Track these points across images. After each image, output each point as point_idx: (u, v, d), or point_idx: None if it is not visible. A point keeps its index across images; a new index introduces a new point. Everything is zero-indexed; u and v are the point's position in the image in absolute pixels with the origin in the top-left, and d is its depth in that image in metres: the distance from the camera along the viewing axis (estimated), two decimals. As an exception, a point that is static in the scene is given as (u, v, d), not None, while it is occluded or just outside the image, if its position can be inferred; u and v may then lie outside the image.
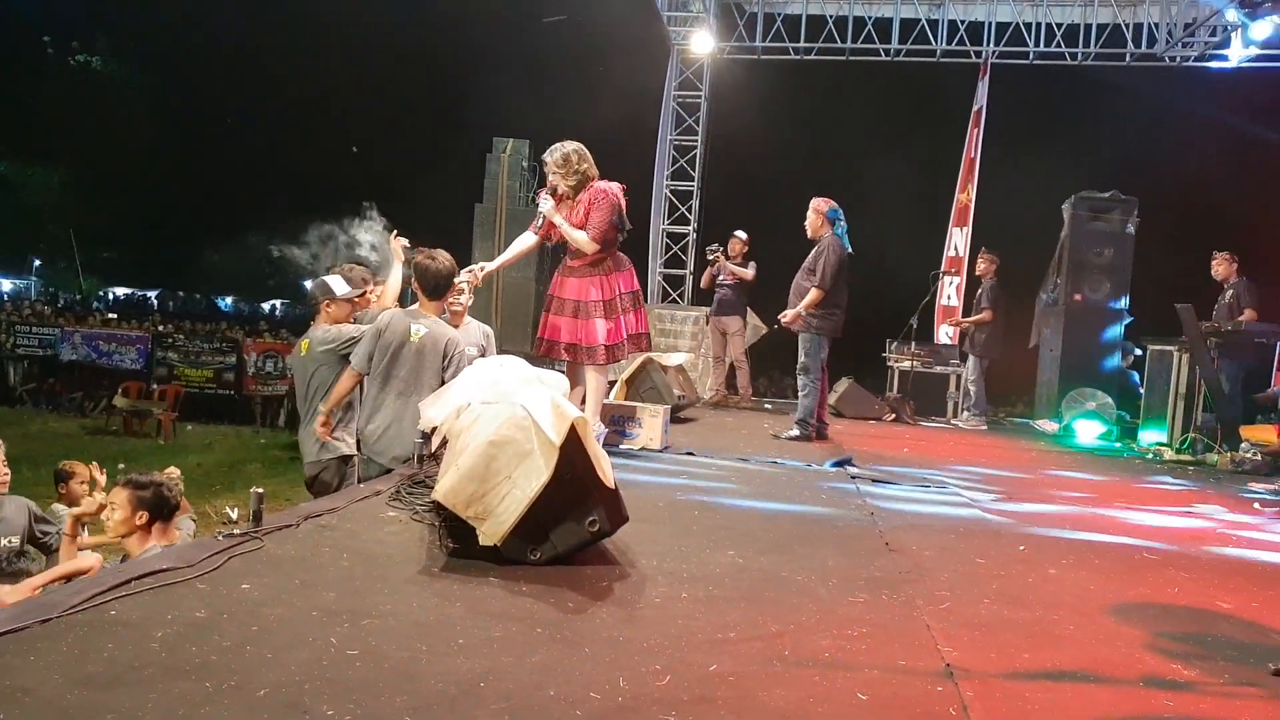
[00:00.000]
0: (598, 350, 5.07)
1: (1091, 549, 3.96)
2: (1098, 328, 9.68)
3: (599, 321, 5.06)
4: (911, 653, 2.43)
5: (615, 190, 5.11)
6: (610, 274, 5.15)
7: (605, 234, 5.04)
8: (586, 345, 5.08)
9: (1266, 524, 4.98)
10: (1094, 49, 10.65)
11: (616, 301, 5.10)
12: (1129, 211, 9.67)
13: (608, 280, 5.12)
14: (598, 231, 5.02)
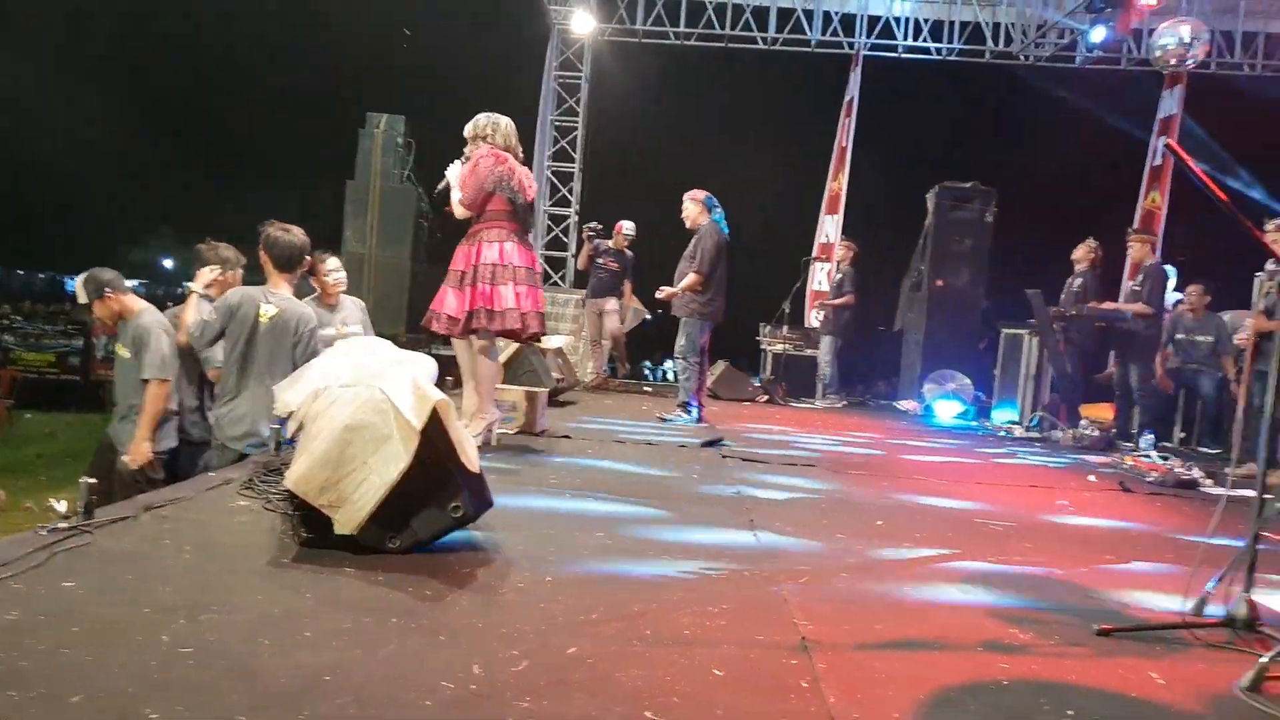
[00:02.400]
0: (440, 317, 4.86)
1: (943, 522, 4.15)
2: (958, 312, 10.13)
3: (448, 290, 4.89)
4: (769, 628, 2.48)
5: (488, 154, 4.88)
6: (478, 244, 4.92)
7: (472, 198, 4.88)
8: (433, 310, 4.92)
9: (1100, 496, 5.33)
10: (957, 45, 11.10)
11: (472, 273, 4.87)
12: (988, 202, 10.14)
13: (473, 249, 4.91)
14: (465, 195, 4.89)
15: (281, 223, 4.52)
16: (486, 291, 4.79)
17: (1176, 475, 5.92)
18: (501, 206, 4.89)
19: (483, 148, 4.91)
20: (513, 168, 4.90)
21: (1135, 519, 4.69)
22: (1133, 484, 5.69)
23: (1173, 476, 5.91)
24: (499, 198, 4.86)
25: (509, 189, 4.86)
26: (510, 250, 4.86)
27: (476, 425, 4.92)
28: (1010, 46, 10.96)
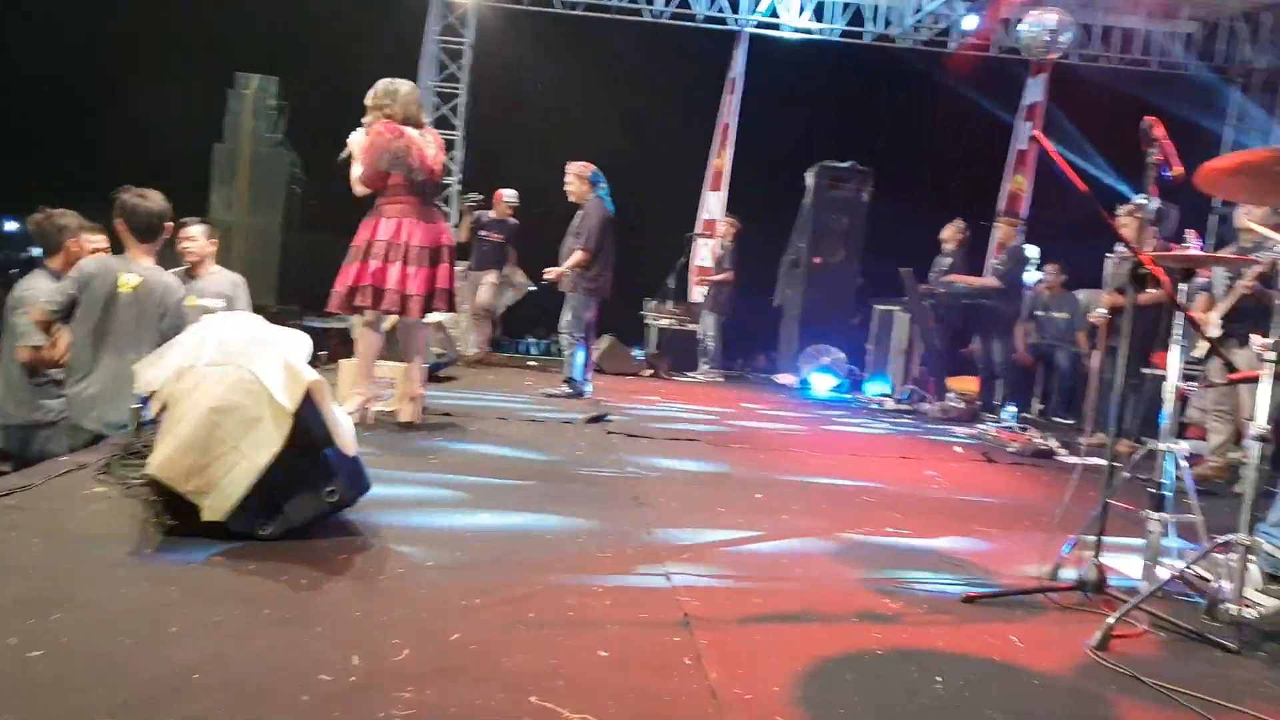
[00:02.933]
0: (334, 293, 4.77)
1: (819, 495, 4.27)
2: (834, 289, 10.42)
3: (344, 266, 4.77)
4: (653, 606, 2.51)
5: (383, 129, 4.71)
6: (376, 220, 4.78)
7: (369, 176, 4.72)
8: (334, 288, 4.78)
9: (965, 467, 5.59)
10: (839, 25, 11.32)
11: (365, 248, 4.74)
12: (865, 182, 10.43)
13: (372, 224, 4.79)
14: (362, 171, 4.73)
15: (138, 188, 4.26)
16: (377, 269, 4.67)
17: (1035, 445, 6.26)
18: (400, 182, 4.75)
19: (378, 122, 4.74)
20: (409, 142, 4.73)
21: (997, 488, 4.94)
22: (995, 454, 5.99)
23: (1031, 446, 6.25)
24: (396, 175, 4.72)
25: (404, 165, 4.71)
26: (406, 228, 4.74)
27: (352, 402, 4.79)
28: (890, 29, 11.26)
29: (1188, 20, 11.31)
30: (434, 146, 4.88)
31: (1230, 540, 2.57)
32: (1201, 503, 3.02)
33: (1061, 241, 8.95)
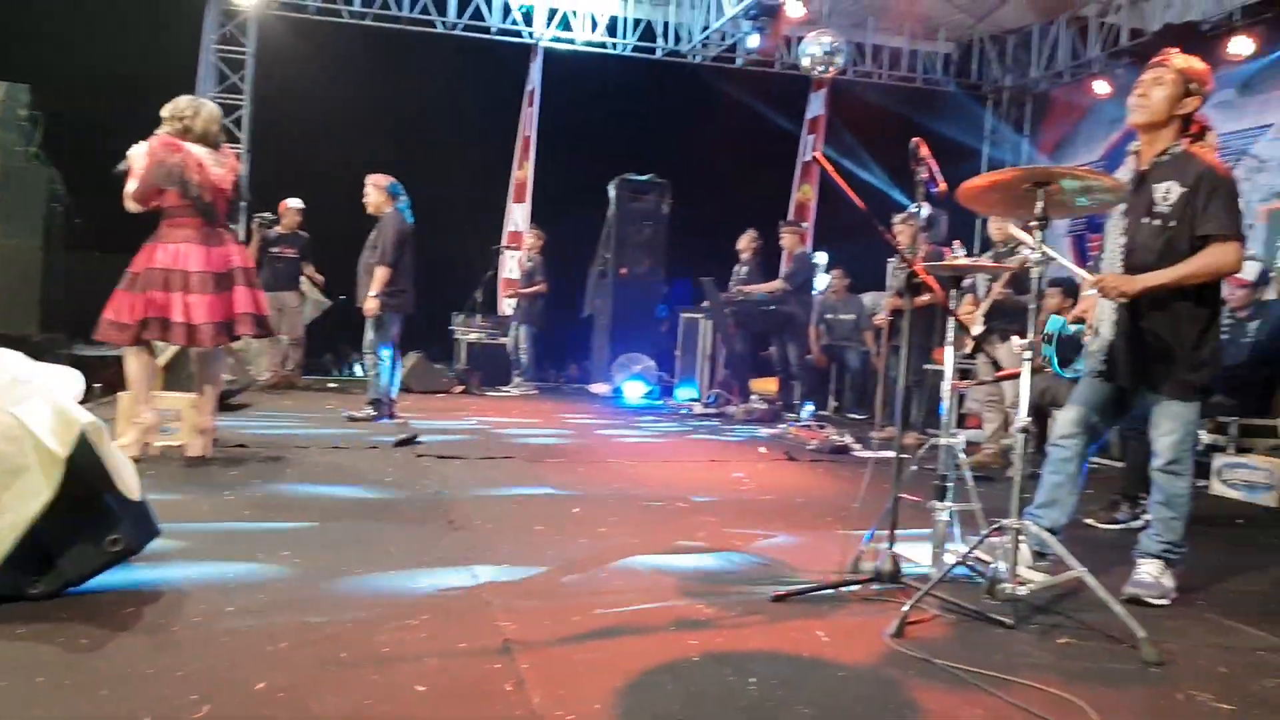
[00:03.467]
0: (107, 324, 4.42)
1: (636, 504, 4.34)
2: (641, 298, 10.63)
3: (118, 294, 4.43)
4: (472, 633, 2.47)
5: (161, 143, 4.39)
6: (152, 243, 4.48)
7: (141, 192, 4.39)
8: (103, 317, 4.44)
9: (771, 467, 5.84)
10: (632, 40, 11.56)
11: (142, 276, 4.44)
12: (664, 193, 10.71)
13: (145, 249, 4.47)
14: (134, 188, 4.39)
15: None
16: (159, 299, 4.37)
17: (832, 442, 6.63)
18: (177, 202, 4.46)
19: (158, 136, 4.43)
20: (186, 158, 4.44)
21: (800, 486, 5.19)
22: (796, 453, 6.29)
23: (829, 443, 6.60)
24: (172, 193, 4.42)
25: (179, 182, 4.42)
26: (185, 254, 4.45)
27: (129, 434, 4.45)
28: (680, 45, 11.61)
29: (945, 41, 12.33)
30: (224, 167, 4.63)
31: (1003, 524, 2.81)
32: (980, 489, 3.29)
33: (848, 247, 9.52)
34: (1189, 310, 3.04)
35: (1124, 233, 3.16)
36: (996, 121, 12.92)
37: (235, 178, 4.74)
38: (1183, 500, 3.10)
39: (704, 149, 11.06)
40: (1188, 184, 3.01)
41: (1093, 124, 11.59)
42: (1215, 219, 2.97)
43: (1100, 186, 2.82)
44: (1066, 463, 3.22)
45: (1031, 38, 11.79)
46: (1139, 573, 3.10)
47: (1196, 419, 3.11)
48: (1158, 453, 3.10)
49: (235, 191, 4.73)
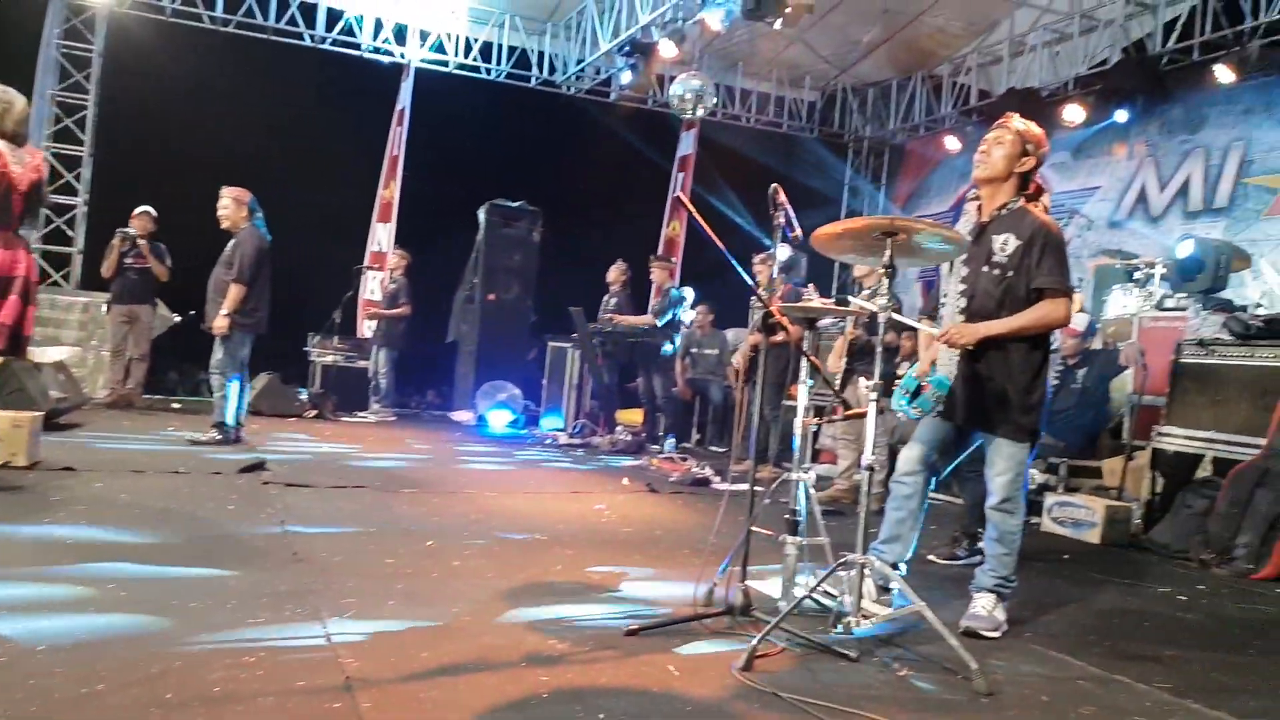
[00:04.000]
0: None
1: (492, 536, 4.26)
2: (509, 325, 10.55)
3: None
4: (311, 670, 2.36)
5: None
6: None
7: None
8: None
9: (632, 498, 5.86)
10: (506, 67, 11.54)
11: None
12: (535, 221, 10.70)
13: None
14: None
15: None
16: None
17: (693, 474, 6.72)
18: None
19: None
20: None
21: (660, 518, 5.23)
22: (658, 484, 6.34)
23: (690, 475, 6.69)
24: None
25: None
26: None
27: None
28: (555, 76, 11.68)
29: (810, 90, 12.86)
30: (24, 166, 4.35)
31: (848, 559, 2.90)
32: (831, 523, 3.39)
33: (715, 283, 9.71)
34: (1022, 357, 3.24)
35: (964, 280, 3.35)
36: (855, 169, 13.53)
37: (37, 178, 4.47)
38: (1015, 537, 3.28)
39: (577, 179, 11.15)
40: (1023, 237, 3.23)
41: (944, 176, 12.29)
42: (1049, 274, 3.19)
43: (943, 238, 2.98)
44: (908, 499, 3.36)
45: (890, 91, 12.43)
46: (974, 606, 3.25)
47: (1028, 460, 3.30)
48: (992, 491, 3.28)
49: (34, 193, 4.45)
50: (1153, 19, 9.08)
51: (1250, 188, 8.71)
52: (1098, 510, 5.48)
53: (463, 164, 10.99)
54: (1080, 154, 10.41)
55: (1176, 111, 9.37)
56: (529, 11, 11.40)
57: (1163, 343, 6.25)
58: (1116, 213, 9.96)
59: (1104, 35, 9.59)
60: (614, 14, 10.20)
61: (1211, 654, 3.29)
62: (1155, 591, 4.29)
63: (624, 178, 12.09)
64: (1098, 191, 10.25)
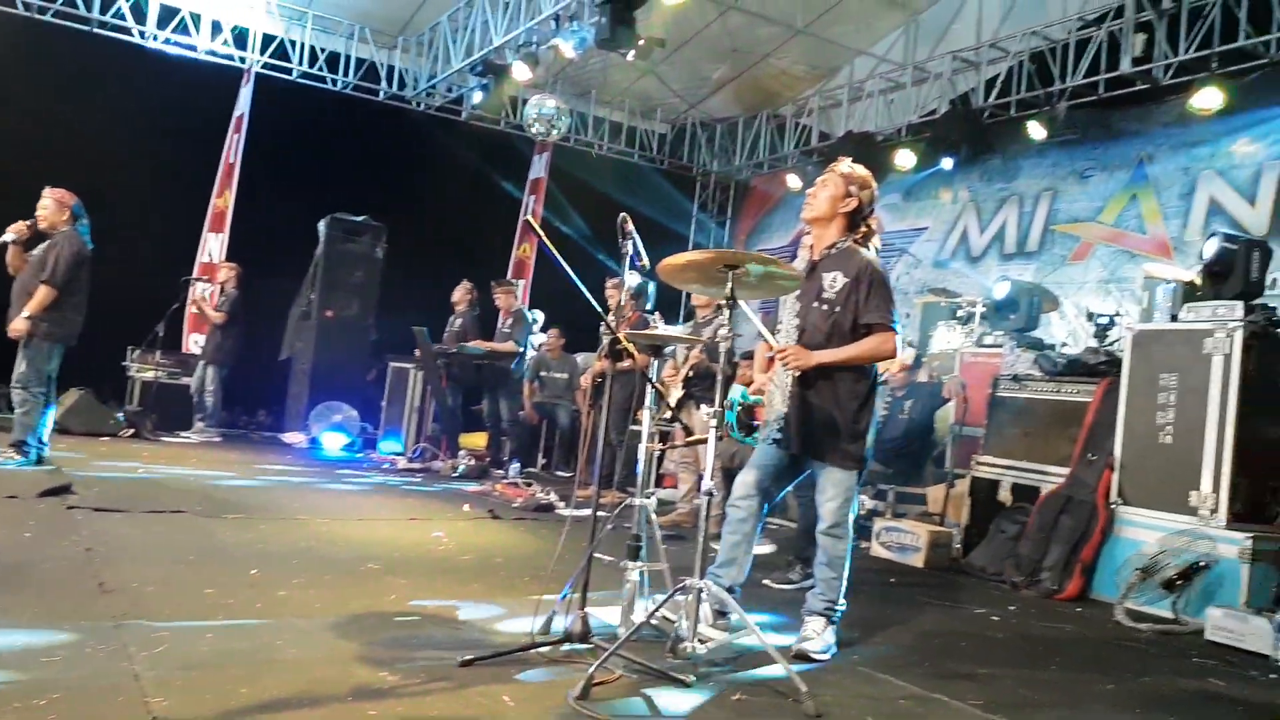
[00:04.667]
0: None
1: (323, 565, 4.08)
2: (347, 343, 10.19)
3: None
4: (113, 712, 2.18)
5: None
6: None
7: None
8: None
9: (473, 525, 5.75)
10: (353, 79, 11.21)
11: None
12: (379, 237, 10.40)
13: None
14: None
15: None
16: None
17: (537, 500, 6.66)
18: None
19: None
20: None
21: (502, 545, 5.15)
22: (501, 510, 6.24)
23: (534, 501, 6.63)
24: None
25: None
26: None
27: None
28: (404, 91, 11.43)
29: (661, 122, 13.12)
30: None
31: (686, 584, 2.93)
32: (672, 548, 3.42)
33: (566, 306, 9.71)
34: (849, 387, 3.39)
35: (797, 315, 3.49)
36: (702, 202, 13.88)
37: None
38: (843, 561, 3.41)
39: (425, 197, 10.90)
40: (850, 275, 3.39)
41: (785, 213, 12.77)
42: (876, 310, 3.36)
43: (781, 273, 3.09)
44: (743, 523, 3.44)
45: (737, 128, 12.83)
46: (805, 630, 3.35)
47: (856, 486, 3.44)
48: (822, 517, 3.40)
49: None
50: (976, 75, 9.75)
51: (1057, 235, 9.46)
52: (922, 535, 5.77)
53: (304, 175, 10.56)
54: (910, 197, 11.05)
55: (995, 161, 10.08)
56: (379, 24, 11.13)
57: (982, 377, 6.69)
58: (941, 253, 10.61)
59: (934, 87, 10.22)
60: (468, 32, 10.10)
61: (1019, 670, 3.50)
62: (972, 612, 4.54)
63: (474, 197, 11.93)
64: (925, 232, 10.89)
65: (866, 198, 3.51)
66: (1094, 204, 9.19)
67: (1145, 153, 8.84)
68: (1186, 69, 7.78)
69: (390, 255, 10.46)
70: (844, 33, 10.23)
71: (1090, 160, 9.32)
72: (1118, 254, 8.90)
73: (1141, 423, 5.17)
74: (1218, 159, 8.26)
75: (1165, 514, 4.92)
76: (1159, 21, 7.82)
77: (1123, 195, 8.95)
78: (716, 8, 9.82)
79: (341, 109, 11.19)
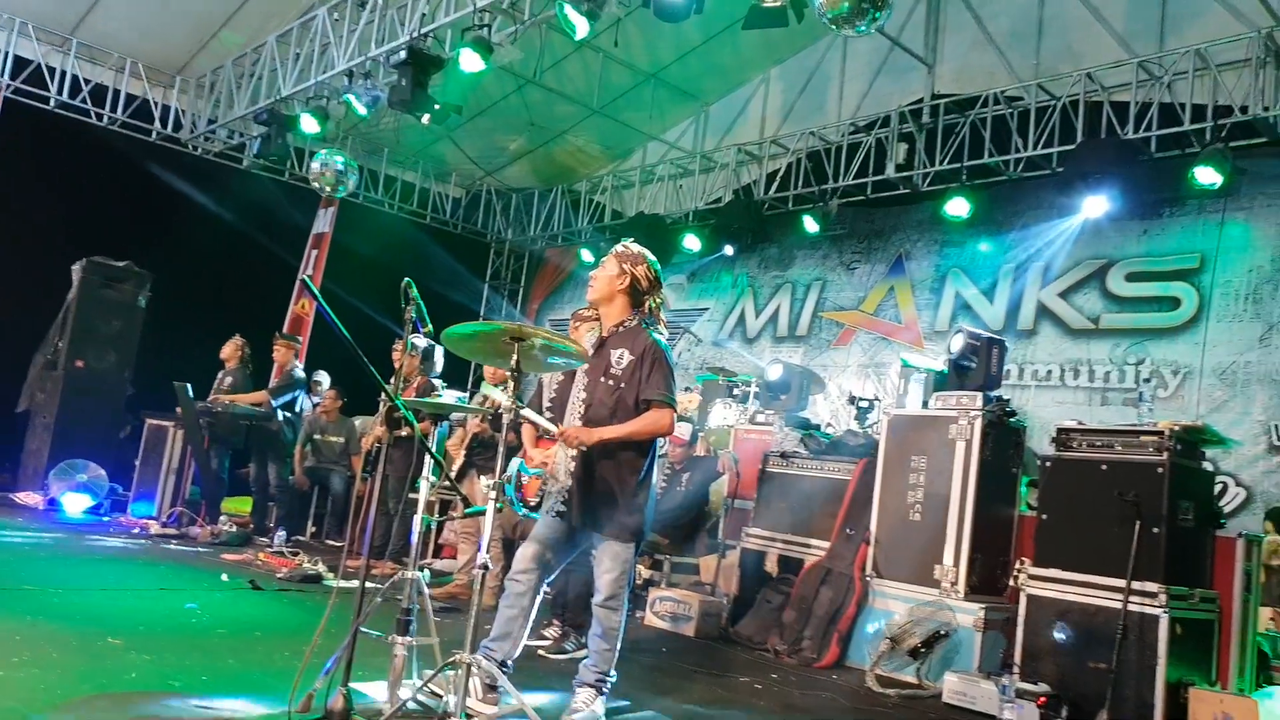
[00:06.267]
0: None
1: (52, 641, 3.68)
2: (99, 397, 9.34)
3: None
4: None
5: None
6: None
7: None
8: None
9: (231, 596, 5.37)
10: (121, 116, 10.47)
11: None
12: (142, 284, 9.68)
13: None
14: None
15: None
16: None
17: (304, 570, 6.30)
18: None
19: None
20: None
21: (262, 618, 4.84)
22: (263, 581, 5.86)
23: (300, 571, 6.27)
24: None
25: None
26: None
27: None
28: (180, 133, 10.78)
29: (456, 186, 13.10)
30: None
31: (455, 659, 2.88)
32: (446, 620, 3.34)
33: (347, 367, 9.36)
34: (628, 462, 3.49)
35: (585, 389, 3.57)
36: (495, 270, 13.92)
37: None
38: (617, 633, 3.46)
39: (198, 245, 10.22)
40: (636, 353, 3.52)
41: (576, 286, 13.02)
42: (656, 387, 3.48)
43: (565, 349, 3.17)
44: (521, 597, 3.43)
45: (533, 200, 13.02)
46: (575, 701, 3.36)
47: (633, 559, 3.52)
48: (599, 589, 3.45)
49: None
50: (759, 168, 10.45)
51: (824, 320, 10.20)
52: (694, 605, 5.94)
53: (59, 213, 9.71)
54: (694, 278, 11.59)
55: (773, 250, 10.79)
56: (155, 61, 10.49)
57: (754, 453, 7.04)
58: (720, 333, 11.16)
59: (719, 176, 10.84)
60: (253, 79, 9.74)
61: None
62: (738, 680, 4.70)
63: (252, 249, 11.30)
64: (706, 313, 11.44)
65: (641, 273, 3.61)
66: (858, 294, 10.00)
67: (904, 249, 9.76)
68: (941, 178, 8.70)
69: (155, 304, 9.75)
70: (637, 118, 10.69)
71: (856, 254, 10.17)
72: (877, 340, 9.70)
73: (894, 500, 5.61)
74: (963, 259, 9.25)
75: (913, 586, 5.34)
76: (919, 134, 8.73)
77: (882, 286, 9.81)
78: (515, 81, 10.00)
79: (107, 146, 10.41)
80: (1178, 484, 4.44)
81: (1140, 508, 4.34)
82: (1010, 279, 8.85)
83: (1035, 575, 4.71)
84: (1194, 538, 4.60)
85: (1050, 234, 8.53)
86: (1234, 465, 7.12)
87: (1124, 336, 8.01)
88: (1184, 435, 4.58)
